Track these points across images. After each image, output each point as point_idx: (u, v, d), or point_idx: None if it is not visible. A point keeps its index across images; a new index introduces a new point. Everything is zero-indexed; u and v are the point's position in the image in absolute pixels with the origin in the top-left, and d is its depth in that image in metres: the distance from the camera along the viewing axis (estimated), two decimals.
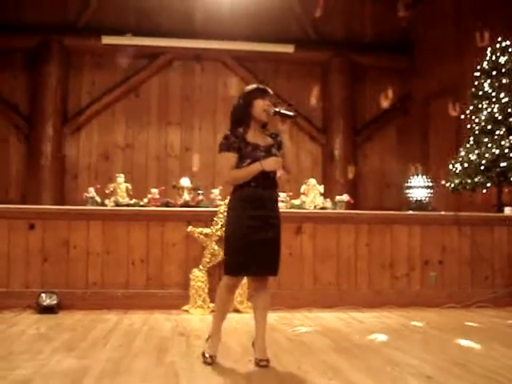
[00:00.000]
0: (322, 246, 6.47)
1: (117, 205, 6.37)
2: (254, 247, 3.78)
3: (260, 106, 3.89)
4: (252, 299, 4.11)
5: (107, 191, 6.50)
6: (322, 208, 6.67)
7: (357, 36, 10.79)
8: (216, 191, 6.59)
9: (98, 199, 6.51)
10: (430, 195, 7.20)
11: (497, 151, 7.01)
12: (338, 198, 6.84)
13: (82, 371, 3.61)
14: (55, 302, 5.84)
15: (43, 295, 5.86)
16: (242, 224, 3.79)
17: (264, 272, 3.90)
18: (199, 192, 6.62)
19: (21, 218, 6.18)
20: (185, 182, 6.64)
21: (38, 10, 10.10)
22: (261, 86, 4.00)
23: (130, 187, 6.60)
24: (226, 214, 4.20)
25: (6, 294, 6.02)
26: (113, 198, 6.44)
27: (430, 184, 7.24)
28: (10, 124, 10.30)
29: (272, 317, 5.78)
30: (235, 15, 10.06)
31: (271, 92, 3.98)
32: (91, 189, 6.59)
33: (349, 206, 7.05)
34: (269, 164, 3.81)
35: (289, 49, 10.31)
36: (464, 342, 4.72)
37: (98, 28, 10.06)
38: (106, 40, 9.99)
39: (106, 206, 6.40)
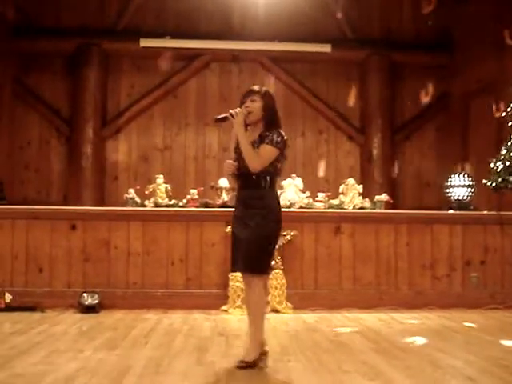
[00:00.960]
0: (361, 246, 6.43)
1: (156, 205, 6.44)
2: (235, 245, 3.95)
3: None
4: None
5: (147, 192, 6.57)
6: (360, 208, 6.63)
7: (395, 34, 10.66)
8: None
9: (138, 200, 6.59)
10: (470, 194, 7.08)
11: None
12: (377, 197, 6.79)
13: (123, 370, 3.66)
14: (96, 301, 5.94)
15: (85, 295, 5.97)
16: (232, 223, 4.06)
17: (236, 268, 4.00)
18: None
19: (63, 219, 6.30)
20: (223, 182, 6.67)
21: (77, 14, 10.26)
22: (247, 91, 4.04)
23: (169, 188, 6.66)
24: None
25: (49, 294, 6.15)
26: (152, 199, 6.51)
27: (471, 183, 7.12)
28: (52, 127, 10.48)
29: (311, 317, 5.79)
30: (272, 16, 10.04)
31: (254, 91, 3.98)
32: (131, 190, 6.68)
33: (388, 205, 7.00)
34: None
35: (326, 48, 10.23)
36: (507, 343, 4.64)
37: (136, 31, 10.16)
38: (145, 43, 10.08)
39: (145, 206, 6.48)
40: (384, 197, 6.80)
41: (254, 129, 3.99)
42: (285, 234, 6.20)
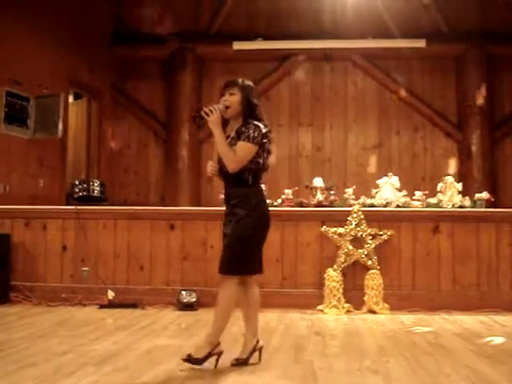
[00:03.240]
0: (460, 246, 6.23)
1: None
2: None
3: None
4: None
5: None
6: (460, 206, 6.42)
7: (492, 25, 10.22)
8: (349, 191, 6.55)
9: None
10: None
11: None
12: (477, 195, 6.56)
13: (222, 366, 3.73)
14: (194, 299, 6.08)
15: (183, 293, 6.12)
16: None
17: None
18: (332, 192, 6.61)
19: (162, 219, 6.50)
20: (318, 181, 6.65)
21: (171, 20, 10.53)
22: (226, 83, 3.89)
23: (264, 188, 6.69)
24: None
25: (149, 291, 6.36)
26: None
27: None
28: (150, 130, 10.84)
29: (408, 318, 5.67)
30: (363, 12, 9.92)
31: (232, 84, 3.81)
32: None
33: (489, 204, 6.74)
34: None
35: (420, 43, 9.98)
36: None
37: (229, 35, 10.31)
38: (237, 46, 10.21)
39: None
40: (484, 195, 6.56)
41: (237, 122, 3.82)
42: (381, 233, 6.11)
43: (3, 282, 6.36)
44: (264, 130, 3.73)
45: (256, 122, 3.73)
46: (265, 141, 3.75)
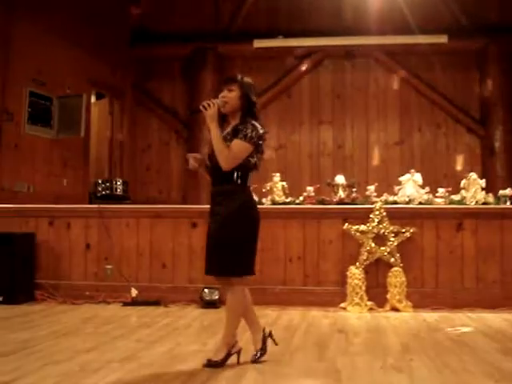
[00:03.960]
0: (484, 244, 6.16)
1: (273, 203, 6.50)
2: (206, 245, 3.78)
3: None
4: None
5: (264, 190, 6.65)
6: (484, 203, 6.35)
7: None
8: (371, 188, 6.52)
9: (256, 198, 6.67)
10: None
11: None
12: (501, 192, 6.48)
13: (245, 363, 3.74)
14: (217, 297, 6.09)
15: (206, 290, 6.14)
16: None
17: (207, 271, 3.74)
18: (354, 189, 6.58)
19: (184, 217, 6.52)
20: (340, 179, 6.63)
21: (191, 19, 10.58)
22: (225, 79, 3.89)
23: (285, 186, 6.70)
24: None
25: (172, 289, 6.39)
26: (270, 197, 6.58)
27: None
28: (171, 129, 10.91)
29: (432, 316, 5.64)
30: (384, 9, 9.87)
31: (232, 80, 3.79)
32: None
33: None
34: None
35: (442, 39, 9.90)
36: None
37: (249, 33, 10.32)
38: (258, 44, 10.21)
39: (263, 204, 6.55)
40: (509, 191, 6.48)
41: (234, 119, 3.79)
42: (404, 231, 6.07)
43: (28, 280, 6.45)
44: (261, 131, 3.70)
45: (254, 122, 3.71)
46: (260, 142, 3.70)
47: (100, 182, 8.02)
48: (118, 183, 7.95)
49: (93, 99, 9.82)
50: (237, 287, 3.72)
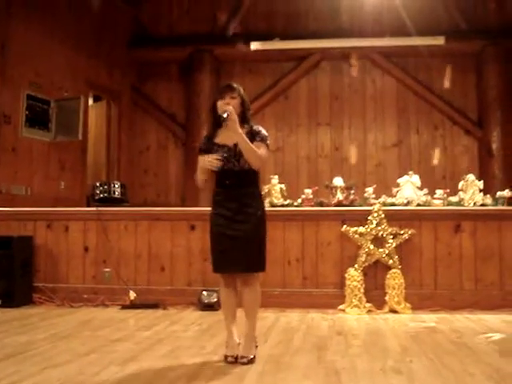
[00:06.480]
0: (482, 245, 6.16)
1: (272, 206, 6.50)
2: (221, 245, 3.89)
3: (219, 106, 3.88)
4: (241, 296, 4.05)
5: (262, 193, 6.63)
6: (482, 205, 6.36)
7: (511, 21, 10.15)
8: (370, 190, 6.52)
9: None
10: None
11: None
12: (498, 193, 6.49)
13: (245, 366, 3.73)
14: (215, 299, 6.08)
15: (204, 293, 6.14)
16: (213, 222, 3.95)
17: (233, 269, 3.90)
18: (352, 191, 6.59)
19: (182, 220, 6.52)
20: (338, 181, 6.63)
21: (189, 22, 10.59)
22: (222, 86, 4.02)
23: (284, 188, 6.70)
24: None
25: (170, 292, 6.38)
26: (268, 199, 6.58)
27: None
28: (169, 132, 10.90)
29: (431, 318, 5.63)
30: (381, 11, 9.90)
31: (233, 88, 3.90)
32: None
33: (510, 201, 6.66)
34: (201, 160, 3.87)
35: (439, 41, 9.91)
36: None
37: (246, 35, 10.32)
38: (255, 46, 10.21)
39: None
40: (507, 193, 6.49)
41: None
42: (402, 232, 6.08)
43: (26, 284, 6.43)
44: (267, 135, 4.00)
45: (259, 126, 3.98)
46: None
47: (98, 184, 7.99)
48: (116, 186, 7.92)
49: (90, 102, 9.81)
50: (257, 282, 3.99)
